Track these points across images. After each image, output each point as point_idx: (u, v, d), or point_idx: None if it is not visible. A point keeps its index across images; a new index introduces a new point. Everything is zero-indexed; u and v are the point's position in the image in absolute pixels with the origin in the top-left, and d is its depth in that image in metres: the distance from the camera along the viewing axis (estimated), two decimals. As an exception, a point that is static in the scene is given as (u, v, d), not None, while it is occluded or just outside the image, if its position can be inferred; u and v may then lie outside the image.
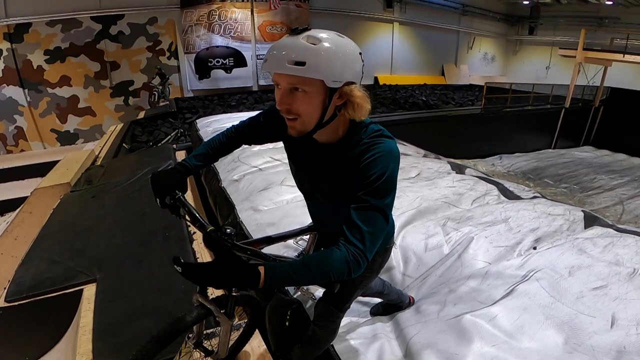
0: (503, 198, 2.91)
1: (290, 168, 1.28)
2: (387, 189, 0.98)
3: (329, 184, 1.11)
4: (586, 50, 11.39)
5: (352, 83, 0.96)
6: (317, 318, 1.41)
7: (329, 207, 1.20)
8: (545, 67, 18.26)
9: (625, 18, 15.02)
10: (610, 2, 14.47)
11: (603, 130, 12.11)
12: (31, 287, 2.19)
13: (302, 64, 0.89)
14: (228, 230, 1.14)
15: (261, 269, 0.88)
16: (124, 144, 6.48)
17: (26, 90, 10.30)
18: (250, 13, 12.64)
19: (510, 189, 3.13)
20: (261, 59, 13.02)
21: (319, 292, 1.72)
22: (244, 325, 1.61)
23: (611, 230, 2.38)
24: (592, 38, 12.93)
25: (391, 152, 0.99)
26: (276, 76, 0.95)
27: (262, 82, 13.40)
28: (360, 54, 0.98)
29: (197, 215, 1.20)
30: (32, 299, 2.13)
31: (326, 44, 0.91)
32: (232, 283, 0.91)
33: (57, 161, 4.96)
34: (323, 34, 0.93)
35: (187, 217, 1.22)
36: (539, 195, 3.15)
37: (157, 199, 1.23)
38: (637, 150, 11.05)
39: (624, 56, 10.82)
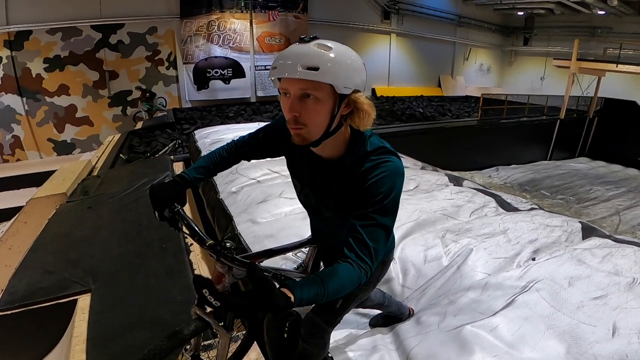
0: (501, 210, 2.92)
1: (294, 184, 1.27)
2: (394, 207, 1.01)
3: (335, 198, 1.11)
4: (580, 60, 11.53)
5: (359, 91, 0.98)
6: (306, 335, 1.39)
7: (334, 221, 1.20)
8: (540, 77, 18.48)
9: (617, 28, 15.26)
10: (603, 12, 14.71)
11: (598, 141, 12.22)
12: (24, 296, 2.16)
13: (316, 68, 0.90)
14: (228, 244, 1.13)
15: (287, 291, 0.86)
16: (121, 155, 6.47)
17: (24, 99, 10.28)
18: (249, 24, 12.75)
19: (508, 200, 3.14)
20: (260, 69, 13.14)
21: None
22: (241, 337, 1.59)
23: (609, 240, 2.39)
24: (586, 48, 13.13)
25: (398, 170, 1.01)
26: (286, 83, 0.95)
27: (260, 94, 13.46)
28: (363, 64, 1.00)
29: (197, 228, 1.19)
30: (25, 308, 2.10)
31: (336, 52, 0.94)
32: (266, 309, 0.86)
33: (54, 171, 4.94)
34: (331, 43, 0.95)
35: (186, 230, 1.20)
36: (536, 206, 3.17)
37: (156, 212, 1.21)
38: (631, 161, 11.14)
39: (617, 66, 10.95)
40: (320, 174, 1.12)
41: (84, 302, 2.11)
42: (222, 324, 1.20)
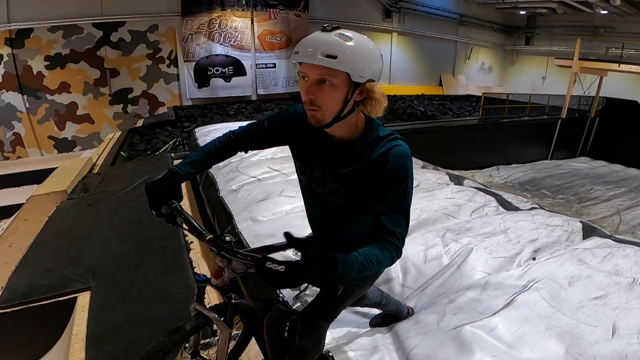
0: (502, 209, 2.91)
1: (303, 172, 1.26)
2: (411, 190, 1.10)
3: (347, 186, 1.13)
4: (582, 60, 11.49)
5: (373, 81, 1.03)
6: (301, 329, 1.37)
7: (342, 211, 1.21)
8: (541, 77, 18.43)
9: (620, 27, 15.23)
10: (605, 12, 14.67)
11: (599, 141, 12.19)
12: (24, 294, 2.17)
13: (334, 57, 0.95)
14: (227, 238, 1.13)
15: (334, 260, 0.92)
16: (121, 152, 6.48)
17: (25, 96, 10.28)
18: (250, 22, 12.74)
19: (509, 200, 3.13)
20: (261, 68, 13.14)
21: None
22: (239, 335, 1.59)
23: (610, 240, 2.38)
24: (588, 47, 13.07)
25: (410, 154, 1.09)
26: (306, 67, 1.00)
27: (261, 92, 13.45)
28: (380, 54, 1.05)
29: (195, 223, 1.20)
30: (25, 306, 2.10)
31: (355, 42, 0.98)
32: (317, 280, 0.91)
33: (54, 168, 4.94)
34: (351, 33, 1.00)
35: (184, 225, 1.21)
36: (537, 206, 3.16)
37: (153, 210, 1.23)
38: (633, 161, 11.11)
39: (619, 66, 10.93)
40: (332, 156, 1.15)
41: (83, 300, 2.11)
42: (223, 319, 1.20)
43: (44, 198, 3.76)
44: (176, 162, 4.85)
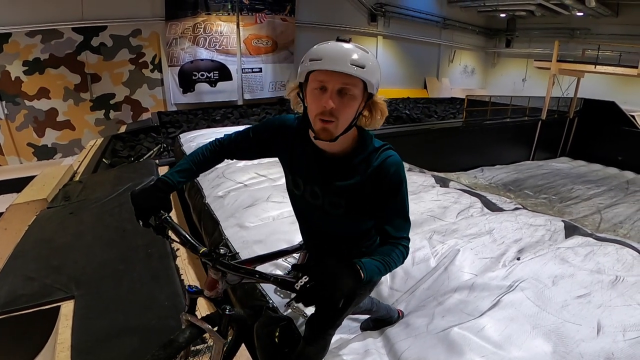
0: (486, 210, 2.95)
1: (295, 184, 1.23)
2: (407, 195, 1.14)
3: (346, 199, 1.13)
4: (560, 62, 11.77)
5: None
6: (309, 335, 1.39)
7: (339, 221, 1.20)
8: (521, 79, 18.85)
9: (595, 29, 15.75)
10: (581, 14, 15.13)
11: (578, 141, 12.49)
12: (6, 303, 2.11)
13: (363, 66, 0.96)
14: (222, 251, 1.12)
15: (357, 267, 0.96)
16: (104, 159, 6.34)
17: (3, 103, 10.00)
18: (235, 26, 12.67)
19: (493, 201, 3.18)
20: (247, 72, 13.07)
21: (309, 309, 1.70)
22: (229, 342, 1.57)
23: (591, 239, 2.43)
24: (565, 49, 13.41)
25: (402, 164, 1.13)
26: (326, 76, 0.98)
27: (247, 97, 13.38)
28: None
29: (188, 236, 1.17)
30: (6, 315, 2.04)
31: (370, 54, 1.01)
32: (348, 290, 0.92)
33: (34, 176, 4.81)
34: (362, 46, 1.01)
35: (175, 238, 1.17)
36: (520, 206, 3.22)
37: (140, 221, 1.18)
38: (611, 160, 11.43)
39: (595, 67, 11.23)
40: (327, 170, 1.13)
41: (67, 309, 2.07)
42: (217, 329, 1.19)
43: (23, 207, 3.66)
44: (161, 168, 4.80)
